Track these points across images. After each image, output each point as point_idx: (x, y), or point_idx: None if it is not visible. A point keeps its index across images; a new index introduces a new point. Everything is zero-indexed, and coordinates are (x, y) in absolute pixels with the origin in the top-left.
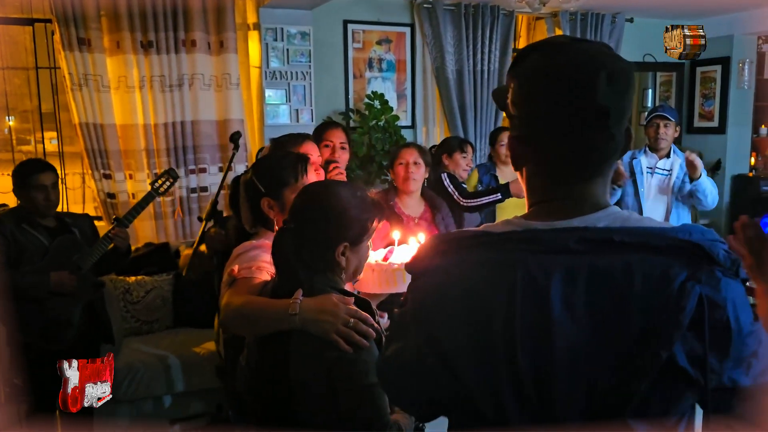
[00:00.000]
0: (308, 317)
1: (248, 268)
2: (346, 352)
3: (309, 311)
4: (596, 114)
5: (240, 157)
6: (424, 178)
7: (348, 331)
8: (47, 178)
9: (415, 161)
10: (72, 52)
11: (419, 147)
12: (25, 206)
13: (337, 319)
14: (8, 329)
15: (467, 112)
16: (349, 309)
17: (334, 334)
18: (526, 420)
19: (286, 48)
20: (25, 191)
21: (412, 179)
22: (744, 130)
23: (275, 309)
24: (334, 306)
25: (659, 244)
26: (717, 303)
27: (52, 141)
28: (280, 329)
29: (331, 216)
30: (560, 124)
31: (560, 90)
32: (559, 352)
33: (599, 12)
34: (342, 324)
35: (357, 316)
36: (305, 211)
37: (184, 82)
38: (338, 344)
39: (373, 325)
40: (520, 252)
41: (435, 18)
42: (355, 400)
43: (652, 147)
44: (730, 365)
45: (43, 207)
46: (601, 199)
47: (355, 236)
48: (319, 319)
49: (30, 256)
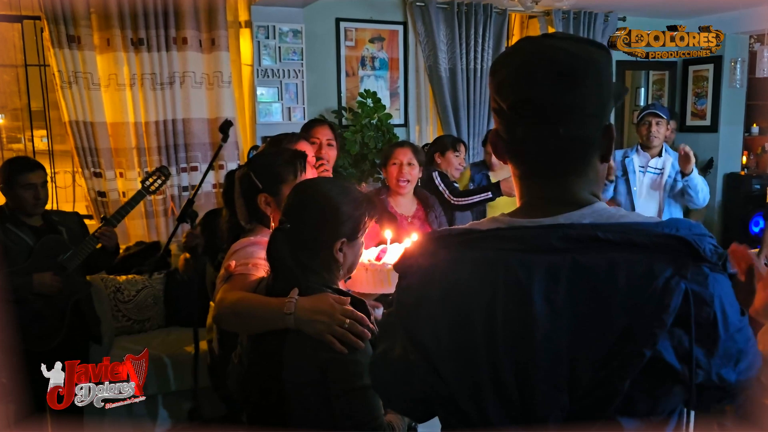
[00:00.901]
0: (303, 317)
1: (245, 264)
2: (340, 352)
3: (304, 311)
4: (536, 110)
5: (232, 156)
6: (418, 178)
7: (343, 331)
8: (36, 177)
9: (409, 162)
10: (61, 49)
11: (413, 146)
12: (10, 205)
13: (332, 319)
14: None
15: (460, 110)
16: (345, 309)
17: (329, 334)
18: (508, 418)
19: (278, 46)
20: (14, 190)
21: (405, 180)
22: (736, 129)
23: (270, 308)
24: (330, 306)
25: (644, 241)
26: (704, 299)
27: (43, 139)
28: (274, 328)
29: (327, 213)
30: (514, 119)
31: (512, 85)
32: (540, 350)
33: (592, 11)
34: (337, 325)
35: (352, 317)
36: (300, 210)
37: (175, 80)
38: (333, 345)
39: (368, 325)
40: (503, 250)
41: (428, 16)
42: (349, 400)
43: (644, 145)
44: (718, 362)
45: (32, 206)
46: (586, 196)
47: (351, 231)
48: (314, 320)
49: (14, 256)
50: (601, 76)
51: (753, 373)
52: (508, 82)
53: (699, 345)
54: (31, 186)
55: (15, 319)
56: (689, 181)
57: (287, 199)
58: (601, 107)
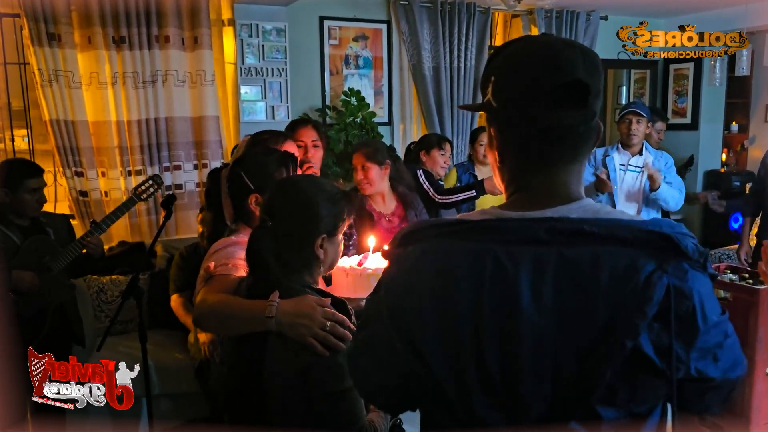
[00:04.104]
0: (284, 320)
1: (225, 264)
2: (322, 355)
3: (285, 314)
4: (577, 89)
5: (215, 154)
6: (383, 176)
7: (325, 334)
8: (41, 181)
9: (363, 165)
10: (41, 47)
11: (368, 149)
12: (7, 205)
13: (313, 322)
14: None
15: (444, 108)
16: (326, 312)
17: (310, 337)
18: (493, 407)
19: (261, 44)
20: (19, 193)
21: (364, 184)
22: (716, 127)
23: (251, 310)
24: (311, 309)
25: (629, 236)
26: (684, 293)
27: (24, 139)
28: (255, 331)
29: (307, 209)
30: (542, 101)
31: (541, 67)
32: (525, 341)
33: (574, 10)
34: (319, 327)
35: (334, 319)
36: (281, 207)
37: (157, 78)
38: (315, 348)
39: (349, 327)
40: (490, 241)
41: (411, 15)
42: (330, 403)
43: (624, 143)
44: (696, 355)
45: (33, 209)
46: (575, 191)
47: (331, 227)
48: (296, 323)
49: (1, 254)
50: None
51: (740, 374)
52: (536, 67)
53: (677, 339)
54: (36, 190)
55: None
56: (657, 195)
57: (266, 198)
58: (600, 99)
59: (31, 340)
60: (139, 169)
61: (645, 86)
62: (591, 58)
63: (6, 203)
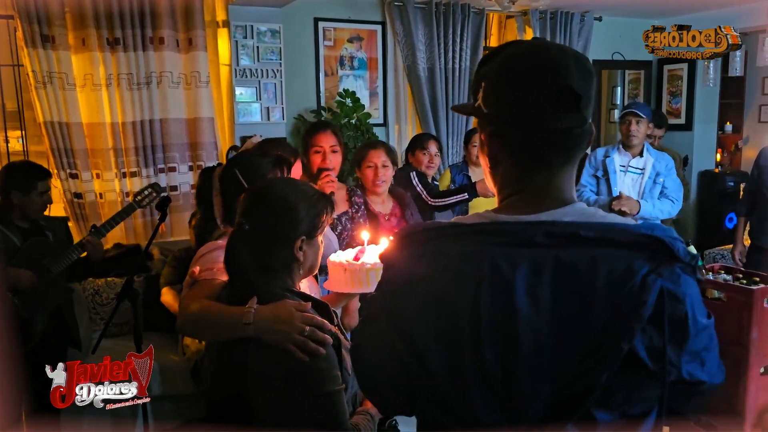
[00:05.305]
0: (263, 326)
1: (210, 269)
2: (302, 360)
3: (263, 320)
4: (570, 94)
5: (210, 156)
6: (391, 176)
7: (303, 339)
8: (48, 185)
9: (384, 164)
10: (35, 49)
11: (386, 147)
12: (10, 206)
13: (292, 327)
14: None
15: (439, 109)
16: (305, 317)
17: (289, 343)
18: (491, 409)
19: (256, 46)
20: (29, 195)
21: (381, 182)
22: (710, 127)
23: (230, 317)
24: (289, 314)
25: (623, 239)
26: (677, 297)
27: (18, 140)
28: (235, 337)
29: (285, 212)
30: (535, 106)
31: (534, 73)
32: (523, 343)
33: (568, 11)
34: (297, 333)
35: (312, 323)
36: (259, 210)
37: (152, 80)
38: (294, 353)
39: (330, 330)
40: (487, 244)
41: (406, 16)
42: (313, 407)
43: (624, 144)
44: (686, 358)
45: (39, 211)
46: (568, 195)
47: (310, 229)
48: (274, 329)
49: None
50: (595, 76)
51: (722, 380)
52: (530, 72)
53: (670, 342)
54: (44, 193)
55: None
56: (643, 216)
57: (243, 201)
58: (593, 103)
59: (28, 342)
60: (133, 171)
61: (639, 87)
62: (583, 62)
63: (15, 204)
